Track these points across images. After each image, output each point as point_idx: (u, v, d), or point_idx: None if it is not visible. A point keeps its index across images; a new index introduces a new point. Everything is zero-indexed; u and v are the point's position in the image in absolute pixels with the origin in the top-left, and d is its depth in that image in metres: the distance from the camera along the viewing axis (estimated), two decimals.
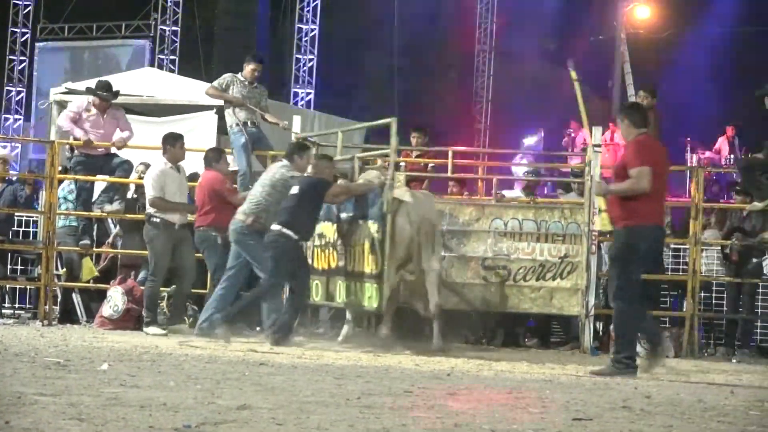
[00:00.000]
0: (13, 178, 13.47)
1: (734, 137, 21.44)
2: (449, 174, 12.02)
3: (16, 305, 13.03)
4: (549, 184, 15.36)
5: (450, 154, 11.78)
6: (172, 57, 25.82)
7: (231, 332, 9.64)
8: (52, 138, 12.88)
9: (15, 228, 13.02)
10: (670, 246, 12.27)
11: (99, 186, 12.25)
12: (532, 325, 12.05)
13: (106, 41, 25.93)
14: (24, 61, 26.32)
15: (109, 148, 11.94)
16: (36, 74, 25.80)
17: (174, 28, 25.89)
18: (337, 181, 10.54)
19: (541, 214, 11.00)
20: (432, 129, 13.96)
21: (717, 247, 12.03)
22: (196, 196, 11.16)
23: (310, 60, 24.89)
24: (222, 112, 12.26)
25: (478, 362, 8.88)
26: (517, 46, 28.32)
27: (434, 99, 28.63)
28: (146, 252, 11.88)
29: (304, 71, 24.86)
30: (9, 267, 12.89)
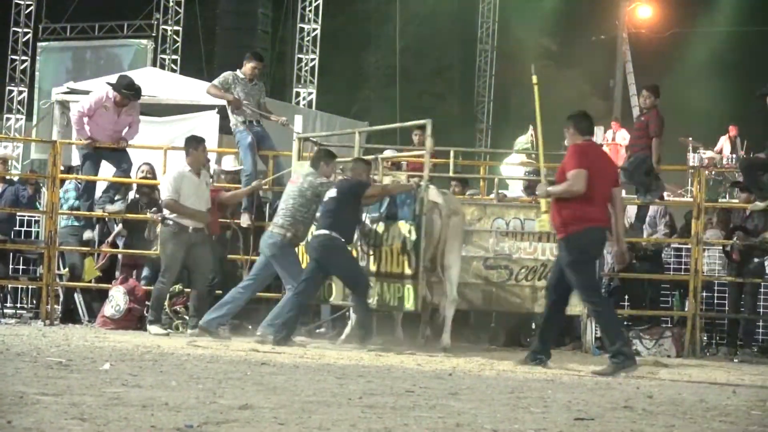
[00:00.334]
0: (15, 179, 13.46)
1: (736, 137, 21.45)
2: (451, 174, 12.01)
3: (18, 305, 13.03)
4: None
5: (452, 153, 11.77)
6: (174, 57, 25.82)
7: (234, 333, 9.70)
8: (54, 138, 12.88)
9: (17, 228, 13.03)
10: (671, 246, 12.28)
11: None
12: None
13: (108, 41, 25.92)
14: (26, 60, 26.31)
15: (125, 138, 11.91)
16: (38, 74, 25.77)
17: (176, 28, 25.90)
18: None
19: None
20: (434, 129, 13.91)
21: (719, 247, 12.02)
22: None
23: (312, 60, 24.88)
24: (224, 112, 12.25)
25: (479, 362, 8.88)
26: (519, 46, 28.35)
27: (436, 99, 28.65)
28: (147, 252, 11.89)
29: (305, 71, 24.86)
30: (11, 267, 12.90)
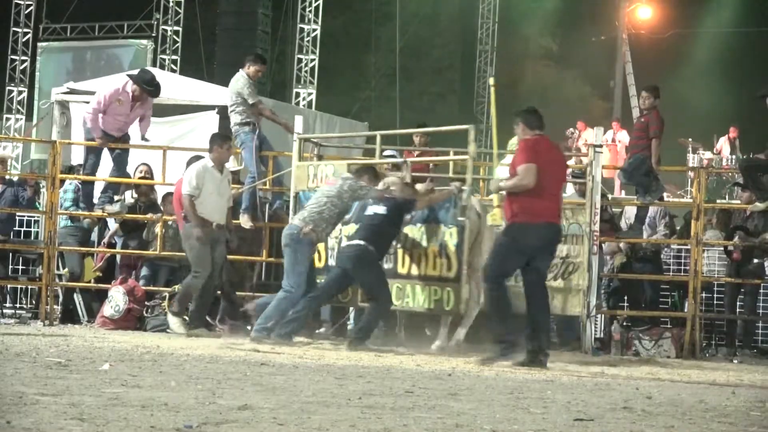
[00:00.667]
0: (14, 179, 13.46)
1: (736, 138, 21.45)
2: (450, 174, 12.00)
3: (17, 305, 13.03)
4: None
5: (451, 153, 11.76)
6: (174, 57, 25.83)
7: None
8: (54, 138, 12.88)
9: (16, 228, 13.03)
10: (670, 247, 12.28)
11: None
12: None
13: (108, 41, 25.94)
14: (26, 60, 26.33)
15: (127, 133, 11.88)
16: (38, 74, 25.79)
17: (176, 28, 25.91)
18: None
19: None
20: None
21: (718, 248, 12.02)
22: (173, 198, 11.10)
23: (312, 60, 24.89)
24: (224, 112, 12.24)
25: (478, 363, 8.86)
26: (519, 47, 28.36)
27: (435, 99, 28.66)
28: (145, 252, 11.90)
29: (305, 71, 24.86)
30: (10, 267, 12.90)
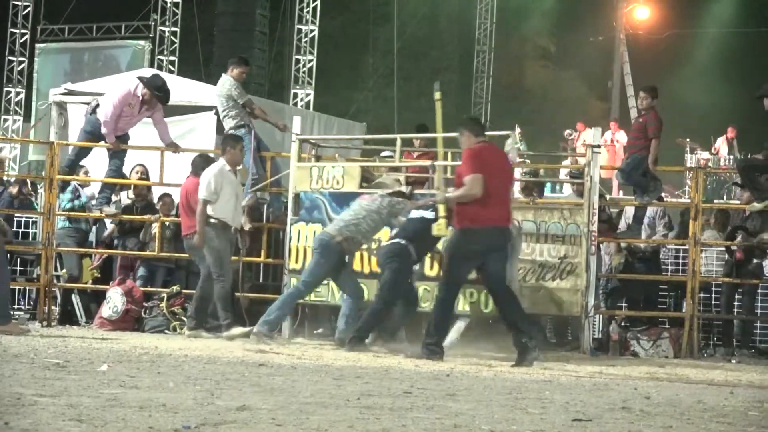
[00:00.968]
0: (12, 179, 13.46)
1: (734, 138, 21.45)
2: (449, 175, 12.00)
3: (16, 306, 13.01)
4: (548, 184, 15.36)
5: (449, 155, 11.75)
6: (172, 58, 25.83)
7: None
8: (52, 139, 12.87)
9: (14, 229, 13.02)
10: (668, 247, 12.28)
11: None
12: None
13: (106, 42, 25.94)
14: (24, 62, 26.33)
15: (127, 132, 11.89)
16: (36, 75, 25.79)
17: (173, 29, 25.91)
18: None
19: (540, 215, 10.96)
20: (430, 130, 13.92)
21: (717, 248, 12.02)
22: (179, 202, 11.11)
23: (310, 61, 24.90)
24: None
25: (477, 363, 8.88)
26: (517, 48, 28.36)
27: (434, 100, 28.66)
28: (143, 253, 11.90)
29: (303, 72, 24.87)
30: (8, 268, 12.86)
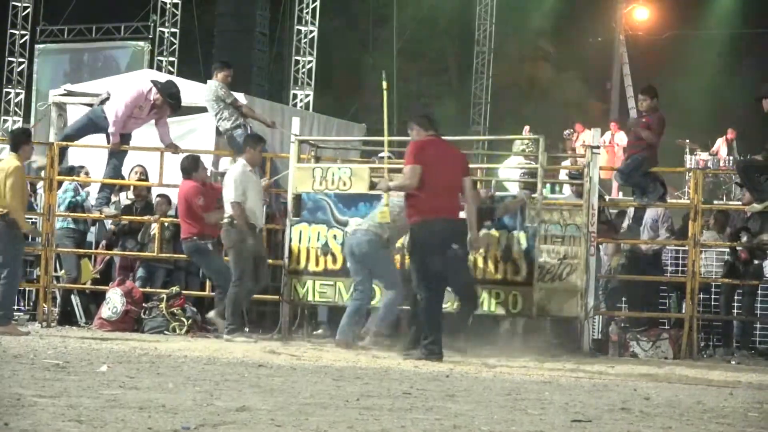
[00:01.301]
0: None
1: (733, 139, 21.45)
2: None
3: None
4: (547, 185, 15.34)
5: None
6: (171, 59, 25.82)
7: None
8: (52, 140, 12.86)
9: None
10: (666, 247, 12.27)
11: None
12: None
13: (106, 43, 25.93)
14: (23, 62, 26.33)
15: (129, 133, 11.91)
16: (35, 76, 25.79)
17: (173, 30, 25.91)
18: None
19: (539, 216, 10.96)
20: None
21: (716, 249, 12.01)
22: (177, 206, 11.10)
23: (309, 62, 24.90)
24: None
25: (476, 364, 8.87)
26: (516, 48, 28.37)
27: (433, 101, 28.65)
28: (143, 254, 11.89)
29: (303, 73, 24.87)
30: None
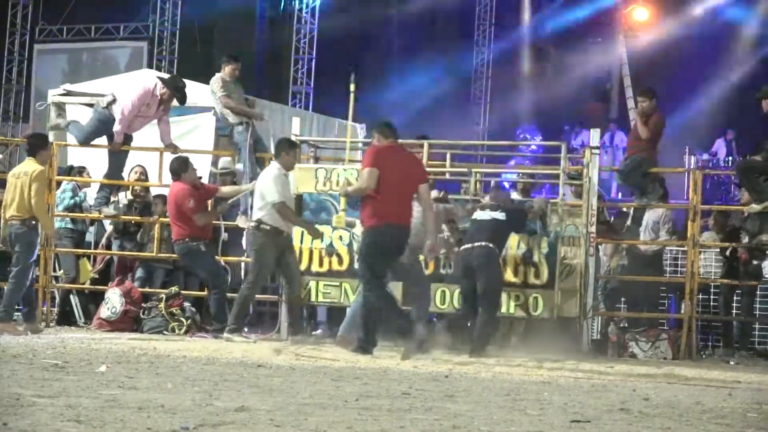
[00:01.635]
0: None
1: (733, 140, 21.44)
2: (447, 176, 12.02)
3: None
4: (547, 185, 15.36)
5: (448, 156, 11.76)
6: (171, 58, 25.80)
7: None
8: (50, 140, 12.85)
9: None
10: (666, 248, 12.27)
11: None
12: None
13: (105, 43, 25.89)
14: (22, 62, 26.30)
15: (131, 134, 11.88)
16: (34, 76, 25.76)
17: (172, 30, 25.88)
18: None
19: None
20: (429, 131, 13.96)
21: (715, 249, 12.01)
22: (168, 209, 11.10)
23: (309, 61, 24.87)
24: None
25: (476, 364, 8.88)
26: (516, 48, 28.35)
27: (432, 100, 28.65)
28: (142, 254, 11.90)
29: (302, 72, 24.85)
30: (6, 269, 12.83)
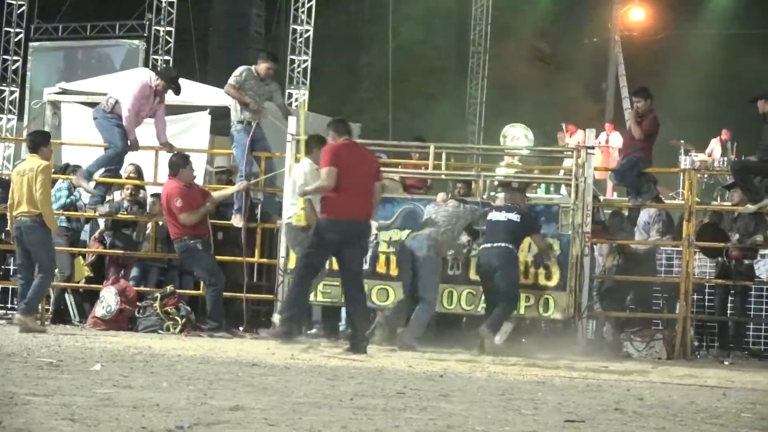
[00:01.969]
0: (7, 178, 13.41)
1: (727, 140, 21.46)
2: (444, 177, 12.02)
3: (10, 305, 12.98)
4: (542, 185, 15.41)
5: (444, 156, 11.74)
6: (166, 57, 25.79)
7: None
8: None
9: (7, 228, 12.97)
10: (660, 248, 12.29)
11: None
12: None
13: (100, 41, 25.88)
14: (18, 60, 26.27)
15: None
16: (30, 74, 25.73)
17: (168, 29, 25.87)
18: None
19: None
20: (425, 131, 14.00)
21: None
22: (161, 206, 11.08)
23: (305, 61, 24.88)
24: (216, 113, 12.19)
25: (470, 364, 8.88)
26: (511, 49, 28.37)
27: (428, 101, 28.66)
28: (136, 253, 11.89)
29: (298, 72, 24.85)
30: (2, 267, 12.84)
